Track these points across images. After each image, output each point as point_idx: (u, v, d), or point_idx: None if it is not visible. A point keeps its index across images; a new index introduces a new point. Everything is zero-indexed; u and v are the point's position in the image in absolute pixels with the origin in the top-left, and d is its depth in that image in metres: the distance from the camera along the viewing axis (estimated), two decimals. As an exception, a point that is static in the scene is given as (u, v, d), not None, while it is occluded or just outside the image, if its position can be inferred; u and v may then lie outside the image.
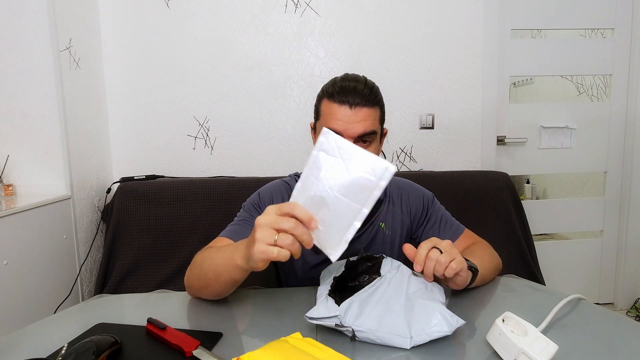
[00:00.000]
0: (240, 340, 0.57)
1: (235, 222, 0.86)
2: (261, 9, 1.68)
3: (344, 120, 0.78)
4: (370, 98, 0.79)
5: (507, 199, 1.60)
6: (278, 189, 0.91)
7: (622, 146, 1.95)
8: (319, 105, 0.84)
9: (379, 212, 0.89)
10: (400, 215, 0.91)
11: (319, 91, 0.85)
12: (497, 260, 0.83)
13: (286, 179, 0.95)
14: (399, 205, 0.92)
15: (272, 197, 0.89)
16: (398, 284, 0.63)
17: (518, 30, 1.84)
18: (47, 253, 1.29)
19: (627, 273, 1.98)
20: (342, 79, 0.82)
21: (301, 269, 0.90)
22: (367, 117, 0.79)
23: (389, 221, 0.90)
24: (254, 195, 0.90)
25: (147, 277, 1.46)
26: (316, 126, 0.86)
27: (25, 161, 1.37)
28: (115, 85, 1.67)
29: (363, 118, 0.78)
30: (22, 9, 1.31)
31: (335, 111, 0.78)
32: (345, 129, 0.78)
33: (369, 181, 0.49)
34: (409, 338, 0.53)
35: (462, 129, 1.80)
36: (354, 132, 0.78)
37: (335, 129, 0.78)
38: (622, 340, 0.55)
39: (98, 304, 0.73)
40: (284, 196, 0.90)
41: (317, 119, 0.85)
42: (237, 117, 1.72)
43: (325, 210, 0.51)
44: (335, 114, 0.78)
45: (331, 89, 0.80)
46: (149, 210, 1.49)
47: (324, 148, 0.52)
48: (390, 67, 1.74)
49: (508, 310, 0.52)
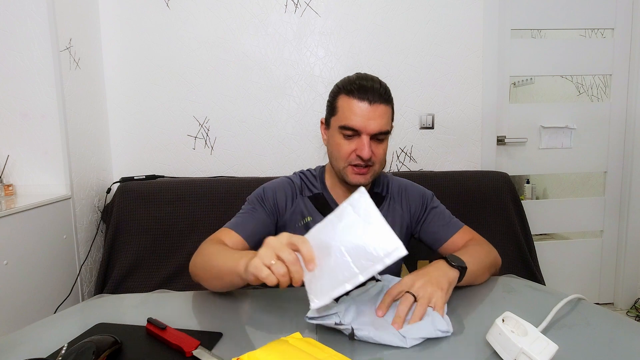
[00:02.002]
0: (240, 340, 0.57)
1: (239, 214, 0.88)
2: (261, 9, 1.68)
3: (364, 116, 0.80)
4: (386, 97, 0.83)
5: (507, 199, 1.60)
6: (282, 186, 0.92)
7: (622, 146, 1.95)
8: (335, 101, 0.85)
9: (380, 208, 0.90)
10: (400, 212, 0.92)
11: (333, 88, 0.87)
12: (494, 257, 0.83)
13: (291, 177, 0.96)
14: (399, 203, 0.93)
15: (276, 192, 0.91)
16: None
17: (518, 30, 1.84)
18: (47, 253, 1.29)
19: (627, 273, 1.98)
20: (358, 77, 0.84)
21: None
22: (384, 115, 0.81)
23: (389, 217, 0.91)
24: (259, 190, 0.92)
25: (147, 277, 1.46)
26: (330, 122, 0.87)
27: (25, 161, 1.37)
28: (115, 85, 1.67)
29: (380, 115, 0.81)
30: (22, 9, 1.31)
31: (355, 107, 0.80)
32: (365, 125, 0.80)
33: (376, 252, 0.50)
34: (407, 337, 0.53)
35: (462, 129, 1.80)
36: (372, 129, 0.80)
37: (354, 125, 0.80)
38: (622, 340, 0.55)
39: (98, 304, 0.73)
40: (287, 193, 0.91)
41: (332, 115, 0.86)
42: (237, 117, 1.72)
43: (327, 258, 0.52)
44: (355, 110, 0.80)
45: (349, 85, 0.82)
46: (149, 210, 1.49)
47: (353, 204, 0.54)
48: (390, 67, 1.74)
49: (508, 310, 0.52)
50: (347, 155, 0.82)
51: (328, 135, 0.89)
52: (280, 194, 0.90)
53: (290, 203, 0.90)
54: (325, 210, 0.89)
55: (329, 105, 0.87)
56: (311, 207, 0.90)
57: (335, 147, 0.84)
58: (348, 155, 0.82)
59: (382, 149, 0.84)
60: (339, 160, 0.84)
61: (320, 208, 0.90)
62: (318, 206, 0.90)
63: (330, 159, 0.89)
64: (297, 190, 0.92)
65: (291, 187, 0.92)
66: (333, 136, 0.85)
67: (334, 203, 0.90)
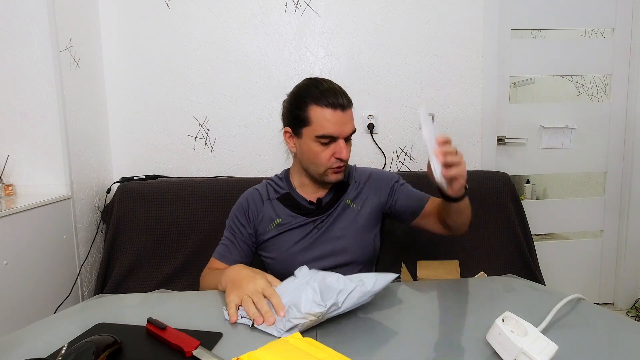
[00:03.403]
0: (240, 340, 0.57)
1: (221, 242, 0.98)
2: (261, 9, 1.68)
3: (339, 123, 0.86)
4: (349, 99, 0.89)
5: (507, 199, 1.60)
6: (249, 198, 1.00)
7: (622, 146, 1.95)
8: (305, 112, 0.87)
9: (345, 192, 0.98)
10: (367, 192, 0.99)
11: (295, 98, 0.90)
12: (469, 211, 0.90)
13: (257, 186, 1.02)
14: (367, 185, 1.00)
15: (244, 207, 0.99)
16: (308, 275, 0.68)
17: (518, 30, 1.84)
18: (47, 253, 1.29)
19: (627, 273, 1.98)
20: (319, 82, 0.89)
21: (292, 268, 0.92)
22: (352, 116, 0.89)
23: (355, 199, 0.98)
24: (231, 213, 1.00)
25: (147, 277, 1.46)
26: (301, 132, 0.90)
27: (25, 161, 1.37)
28: (115, 85, 1.67)
29: (350, 117, 0.89)
30: (22, 9, 1.31)
31: (330, 116, 0.85)
32: (341, 131, 0.87)
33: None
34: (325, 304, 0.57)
35: (462, 129, 1.80)
36: (346, 132, 0.88)
37: (333, 133, 0.86)
38: (622, 340, 0.55)
39: (98, 304, 0.73)
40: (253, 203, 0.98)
41: (303, 125, 0.88)
42: (237, 117, 1.72)
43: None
44: (331, 119, 0.85)
45: (319, 95, 0.85)
46: (149, 210, 1.49)
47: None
48: (390, 66, 1.74)
49: (508, 310, 0.52)
50: (327, 160, 0.88)
51: (300, 143, 0.92)
52: (252, 206, 0.98)
53: (261, 209, 0.97)
54: (294, 208, 0.96)
55: (296, 116, 0.90)
56: (280, 207, 0.96)
57: (313, 155, 0.89)
58: (328, 160, 0.88)
59: (350, 146, 0.92)
60: (319, 166, 0.90)
61: (289, 206, 0.96)
62: (287, 205, 0.96)
63: (306, 164, 0.93)
64: (263, 196, 0.99)
65: (258, 195, 0.99)
66: (307, 145, 0.89)
67: (303, 200, 0.96)
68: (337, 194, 0.97)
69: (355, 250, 0.94)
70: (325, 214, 0.95)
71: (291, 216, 0.95)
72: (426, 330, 0.58)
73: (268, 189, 1.00)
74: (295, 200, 0.96)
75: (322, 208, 0.95)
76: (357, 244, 0.95)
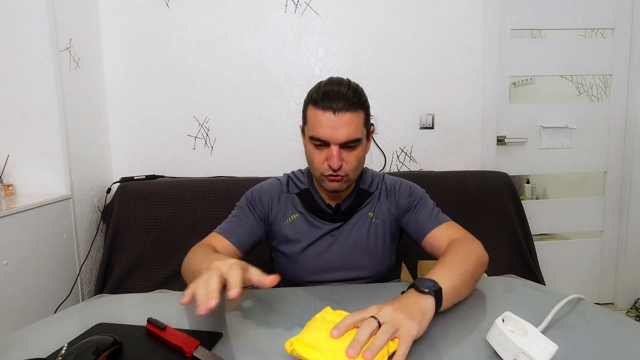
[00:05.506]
0: (240, 340, 0.57)
1: (228, 219, 0.91)
2: (261, 9, 1.68)
3: (329, 126, 0.79)
4: (354, 102, 0.79)
5: (507, 199, 1.60)
6: (269, 187, 0.95)
7: (622, 146, 1.95)
8: (306, 111, 0.85)
9: (367, 202, 0.93)
10: (387, 206, 0.94)
11: (306, 96, 0.87)
12: (476, 258, 0.72)
13: (280, 177, 0.98)
14: (388, 197, 0.94)
15: (263, 194, 0.93)
16: None
17: (518, 30, 1.84)
18: (47, 253, 1.29)
19: (627, 273, 1.98)
20: (326, 83, 0.83)
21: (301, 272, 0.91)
22: (351, 122, 0.79)
23: (377, 211, 0.93)
24: (247, 193, 0.95)
25: (147, 277, 1.46)
26: (304, 130, 0.88)
27: (25, 161, 1.37)
28: (115, 85, 1.67)
29: (347, 123, 0.79)
30: (22, 9, 1.31)
31: (320, 118, 0.79)
32: (331, 136, 0.79)
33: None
34: None
35: (462, 129, 1.80)
36: (339, 139, 0.79)
37: (322, 137, 0.80)
38: (622, 340, 0.55)
39: (98, 304, 0.73)
40: (273, 193, 0.93)
41: (304, 124, 0.87)
42: (237, 117, 1.72)
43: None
44: (320, 121, 0.79)
45: (315, 94, 0.82)
46: (149, 210, 1.49)
47: None
48: (390, 67, 1.74)
49: (508, 310, 0.52)
50: (320, 165, 0.83)
51: (304, 142, 0.89)
52: (266, 195, 0.93)
53: (277, 202, 0.93)
54: (311, 207, 0.92)
55: (303, 114, 0.88)
56: (299, 203, 0.93)
57: (309, 155, 0.86)
58: (320, 165, 0.83)
59: (353, 157, 0.82)
60: (314, 170, 0.86)
61: (307, 204, 0.92)
62: (305, 202, 0.92)
63: (308, 165, 0.90)
64: (283, 188, 0.94)
65: (278, 186, 0.95)
66: (307, 145, 0.86)
67: (321, 200, 0.92)
68: (357, 202, 0.92)
69: (370, 267, 0.91)
70: (343, 221, 0.91)
71: (307, 215, 0.91)
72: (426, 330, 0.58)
73: (289, 183, 0.95)
74: (314, 200, 0.92)
75: (340, 214, 0.91)
76: (372, 262, 0.91)
